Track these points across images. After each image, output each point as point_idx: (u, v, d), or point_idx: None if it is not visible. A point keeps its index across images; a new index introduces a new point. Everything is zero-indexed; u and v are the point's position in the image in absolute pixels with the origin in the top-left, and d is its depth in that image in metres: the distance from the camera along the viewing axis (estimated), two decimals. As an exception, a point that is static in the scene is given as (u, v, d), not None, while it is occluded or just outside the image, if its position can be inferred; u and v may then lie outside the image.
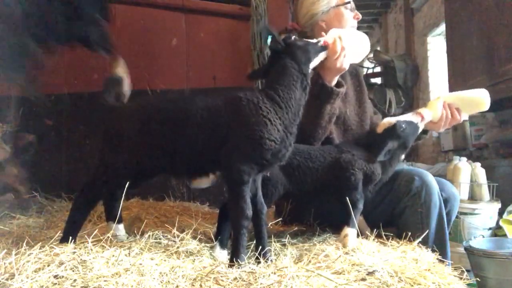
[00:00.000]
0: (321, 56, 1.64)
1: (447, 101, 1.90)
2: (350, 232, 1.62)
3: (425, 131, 1.98)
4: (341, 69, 1.74)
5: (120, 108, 1.68)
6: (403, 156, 1.88)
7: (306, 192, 1.75)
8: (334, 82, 1.80)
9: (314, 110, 1.77)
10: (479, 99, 1.90)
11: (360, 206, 1.70)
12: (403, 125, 1.77)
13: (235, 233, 1.42)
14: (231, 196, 1.45)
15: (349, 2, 2.06)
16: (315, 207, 1.96)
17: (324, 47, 1.64)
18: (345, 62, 1.72)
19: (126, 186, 1.54)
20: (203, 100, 1.54)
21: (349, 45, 1.72)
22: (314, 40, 1.64)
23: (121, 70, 1.92)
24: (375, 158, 1.75)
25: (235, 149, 1.43)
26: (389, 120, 1.81)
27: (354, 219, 1.65)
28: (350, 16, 2.05)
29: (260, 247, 1.48)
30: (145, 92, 3.41)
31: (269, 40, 1.54)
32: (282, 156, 1.49)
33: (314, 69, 1.66)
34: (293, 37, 1.59)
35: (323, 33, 1.74)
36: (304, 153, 1.73)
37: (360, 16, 2.09)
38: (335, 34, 1.71)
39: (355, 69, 2.23)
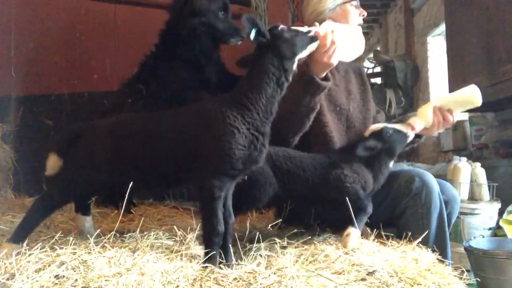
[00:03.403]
0: (310, 48, 1.54)
1: (438, 105, 1.87)
2: (352, 232, 1.62)
3: (419, 135, 1.98)
4: (328, 63, 1.68)
5: (93, 124, 1.64)
6: (391, 164, 1.87)
7: (296, 198, 1.76)
8: (322, 75, 1.73)
9: (293, 98, 1.70)
10: (469, 97, 1.87)
11: (369, 209, 1.70)
12: (390, 131, 1.80)
13: (205, 247, 1.39)
14: (202, 211, 1.41)
15: None
16: (316, 207, 1.96)
17: (314, 38, 1.54)
18: (334, 57, 1.67)
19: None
20: (173, 115, 1.52)
21: (340, 40, 1.66)
22: (305, 29, 1.54)
23: None
24: (356, 153, 1.76)
25: (204, 164, 1.39)
26: (377, 126, 1.84)
27: (359, 220, 1.64)
28: (356, 13, 2.06)
29: (224, 256, 1.43)
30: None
31: (253, 33, 1.43)
32: (254, 159, 1.42)
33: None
34: (280, 27, 1.48)
35: (316, 23, 1.67)
36: (296, 159, 1.72)
37: (365, 13, 2.08)
38: (328, 27, 1.65)
39: (358, 68, 2.23)
